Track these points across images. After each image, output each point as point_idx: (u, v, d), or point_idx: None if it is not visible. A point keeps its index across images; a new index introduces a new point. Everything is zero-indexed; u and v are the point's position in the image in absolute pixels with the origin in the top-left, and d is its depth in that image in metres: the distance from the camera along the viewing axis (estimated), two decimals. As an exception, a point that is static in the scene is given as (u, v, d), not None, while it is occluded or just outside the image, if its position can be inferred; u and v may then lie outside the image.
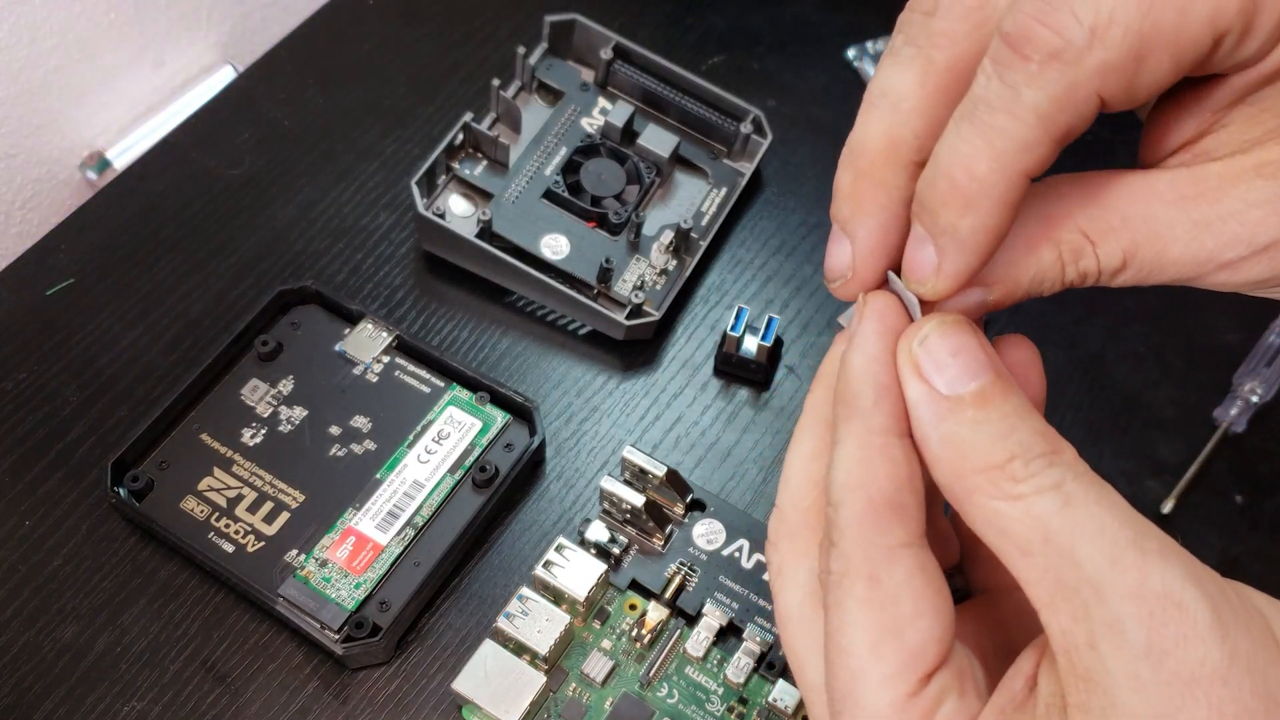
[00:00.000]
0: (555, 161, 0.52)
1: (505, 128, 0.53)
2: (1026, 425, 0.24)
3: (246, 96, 0.57)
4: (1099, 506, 0.23)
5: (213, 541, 0.44)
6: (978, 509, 0.24)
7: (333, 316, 0.49)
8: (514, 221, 0.50)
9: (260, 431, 0.46)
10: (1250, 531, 0.46)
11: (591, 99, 0.54)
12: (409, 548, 0.44)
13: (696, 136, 0.54)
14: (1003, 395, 0.25)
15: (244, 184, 0.55)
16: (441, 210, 0.51)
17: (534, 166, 0.52)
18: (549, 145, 0.52)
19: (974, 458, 0.24)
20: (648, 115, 0.54)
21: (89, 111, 0.61)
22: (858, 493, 0.25)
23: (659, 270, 0.50)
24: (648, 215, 0.51)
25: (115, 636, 0.43)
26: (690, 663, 0.42)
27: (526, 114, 0.53)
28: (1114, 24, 0.23)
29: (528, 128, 0.53)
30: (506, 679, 0.40)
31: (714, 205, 0.52)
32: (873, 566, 0.25)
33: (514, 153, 0.52)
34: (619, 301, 0.49)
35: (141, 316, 0.51)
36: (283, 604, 0.42)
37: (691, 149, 0.53)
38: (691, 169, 0.53)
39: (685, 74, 0.53)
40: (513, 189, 0.51)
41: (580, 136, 0.52)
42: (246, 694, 0.42)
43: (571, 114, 0.53)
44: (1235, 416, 0.48)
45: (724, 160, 0.53)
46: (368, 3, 0.61)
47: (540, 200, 0.51)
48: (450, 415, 0.47)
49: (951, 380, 0.25)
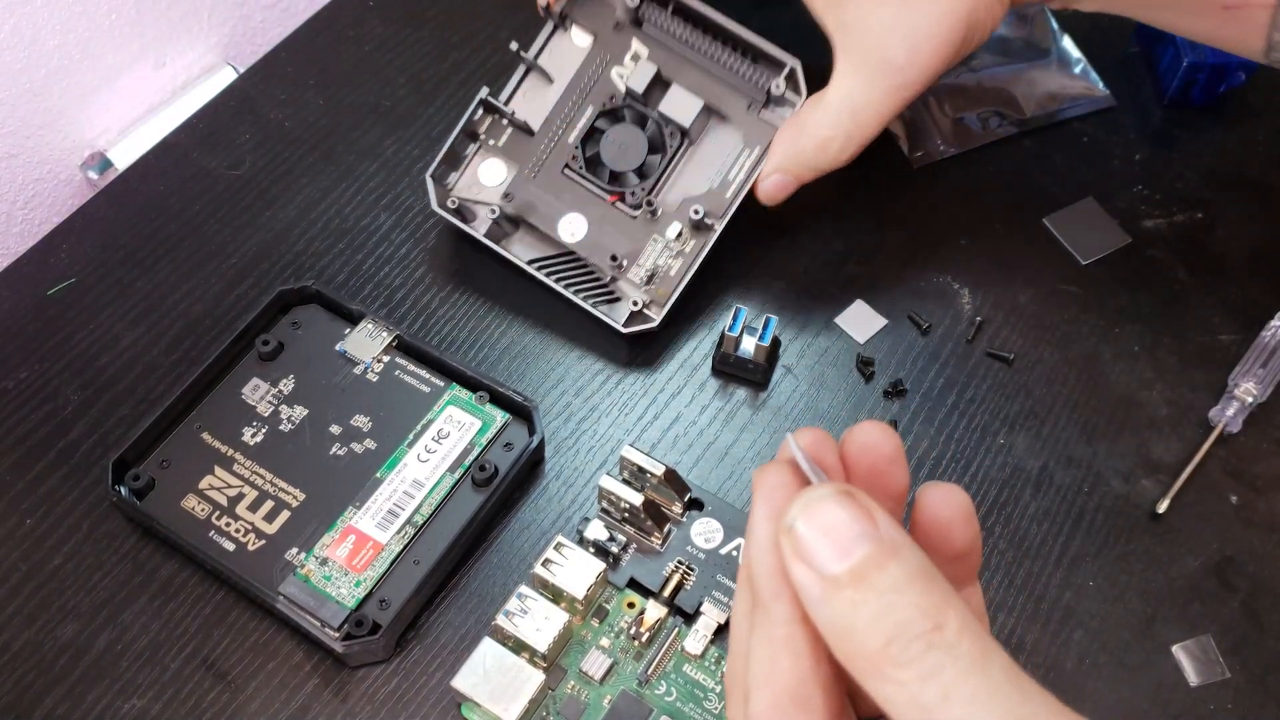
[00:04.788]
0: (580, 125, 0.50)
1: (535, 79, 0.51)
2: (906, 601, 0.23)
3: (247, 97, 0.58)
4: (974, 701, 0.23)
5: (213, 540, 0.44)
6: (873, 692, 0.23)
7: (333, 316, 0.49)
8: (534, 198, 0.49)
9: (261, 430, 0.47)
10: (1245, 531, 0.46)
11: (625, 41, 0.50)
12: (409, 546, 0.44)
13: (730, 84, 0.49)
14: (879, 568, 0.23)
15: (245, 184, 0.55)
16: (466, 191, 0.50)
17: (558, 129, 0.50)
18: (575, 103, 0.50)
19: (855, 642, 0.23)
20: (679, 61, 0.49)
21: (90, 112, 0.61)
22: (764, 689, 0.25)
23: (675, 252, 0.49)
24: (672, 182, 0.49)
25: (116, 634, 0.43)
26: (688, 660, 0.42)
27: (558, 56, 0.51)
28: None
29: (559, 74, 0.50)
30: (505, 677, 0.41)
31: (741, 172, 0.49)
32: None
33: (543, 107, 0.50)
34: (628, 291, 0.49)
35: (142, 316, 0.51)
36: (283, 602, 0.42)
37: (726, 96, 0.49)
38: (724, 120, 0.49)
39: (719, 18, 0.48)
40: (536, 157, 0.50)
41: (607, 93, 0.50)
42: (247, 691, 0.43)
43: (602, 62, 0.50)
44: (1231, 417, 0.48)
45: (759, 113, 0.49)
46: (368, 4, 0.61)
47: (560, 175, 0.50)
48: (450, 414, 0.47)
49: (825, 561, 0.24)
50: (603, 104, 0.50)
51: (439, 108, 0.57)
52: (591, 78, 0.50)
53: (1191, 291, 0.52)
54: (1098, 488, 0.47)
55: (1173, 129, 0.56)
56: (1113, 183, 0.55)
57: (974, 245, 0.53)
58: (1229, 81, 0.56)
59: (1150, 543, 0.46)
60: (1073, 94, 0.57)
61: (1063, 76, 0.58)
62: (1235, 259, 0.53)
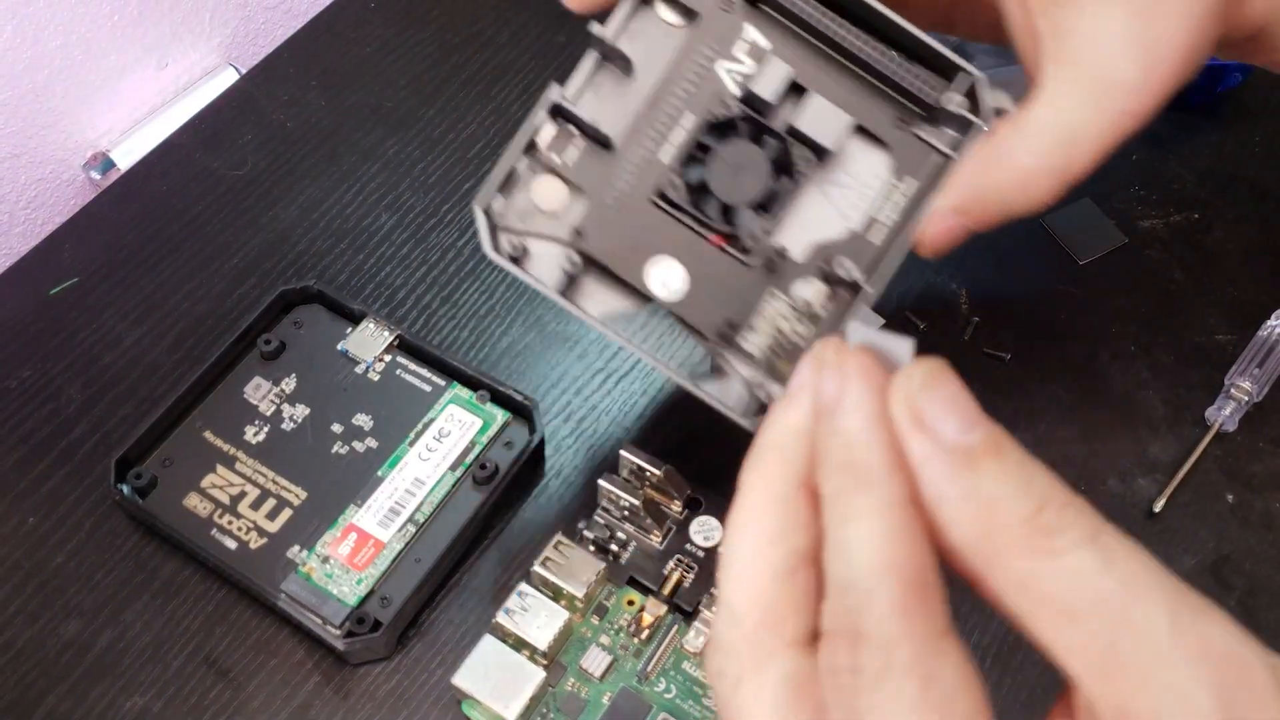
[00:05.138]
0: (676, 140, 0.37)
1: (610, 73, 0.38)
2: (1041, 472, 0.22)
3: (249, 98, 0.58)
4: (1139, 560, 0.22)
5: (215, 538, 0.44)
6: (1008, 573, 0.22)
7: (335, 316, 0.50)
8: (614, 236, 0.37)
9: (263, 429, 0.47)
10: (1241, 530, 0.46)
11: (735, 26, 0.37)
12: (410, 544, 0.44)
13: (882, 90, 0.37)
14: (1010, 441, 0.23)
15: (247, 185, 0.55)
16: (518, 220, 0.37)
17: (648, 144, 0.37)
18: (670, 108, 0.37)
19: (1000, 514, 0.22)
20: (815, 59, 0.37)
21: (93, 112, 0.61)
22: (892, 576, 0.22)
23: (805, 314, 0.37)
24: (799, 221, 0.37)
25: (118, 632, 0.44)
26: (688, 658, 0.42)
27: (641, 42, 0.37)
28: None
29: (644, 67, 0.37)
30: (506, 674, 0.41)
31: (893, 211, 0.37)
32: (924, 662, 0.22)
33: (622, 112, 0.37)
34: (737, 367, 0.38)
35: (145, 316, 0.51)
36: (285, 600, 0.43)
37: (872, 107, 0.37)
38: (865, 138, 0.37)
39: (875, 3, 0.36)
40: (616, 181, 0.37)
41: (712, 99, 0.37)
42: (248, 689, 0.43)
43: (705, 55, 0.37)
44: (1227, 416, 0.48)
45: (915, 130, 0.37)
46: (370, 5, 0.61)
47: (650, 204, 0.37)
48: (451, 413, 0.47)
49: (957, 432, 0.23)
50: (708, 112, 0.37)
51: (440, 109, 0.58)
52: (690, 75, 0.37)
53: (1188, 291, 0.52)
54: (1094, 486, 0.47)
55: (1169, 130, 0.57)
56: (1109, 183, 0.55)
57: (970, 245, 0.53)
58: (1225, 83, 0.56)
59: (1146, 541, 0.45)
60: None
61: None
62: (1231, 259, 0.53)
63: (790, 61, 0.37)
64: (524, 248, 0.37)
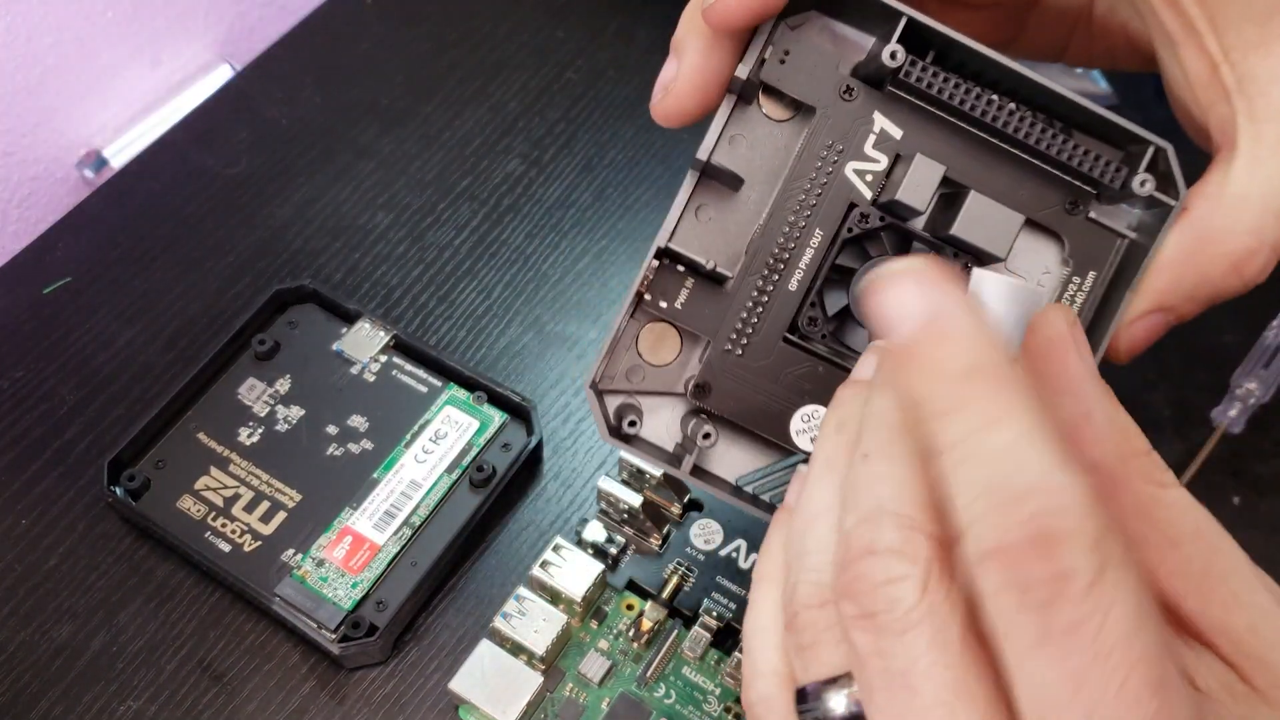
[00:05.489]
0: (805, 263, 0.31)
1: (714, 191, 0.32)
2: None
3: (244, 95, 0.57)
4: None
5: (209, 541, 0.44)
6: (1134, 495, 0.24)
7: (330, 316, 0.49)
8: (738, 391, 0.32)
9: (257, 431, 0.46)
10: (1247, 533, 0.46)
11: (861, 116, 0.31)
12: (406, 547, 0.44)
13: (1045, 172, 0.31)
14: None
15: (241, 183, 0.55)
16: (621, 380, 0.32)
17: (768, 272, 0.31)
18: (793, 225, 0.31)
19: (1134, 442, 0.25)
20: (968, 149, 0.31)
21: (86, 110, 0.61)
22: (1076, 470, 0.21)
23: None
24: None
25: (111, 636, 0.43)
26: (687, 663, 0.42)
27: (746, 147, 0.32)
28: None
29: (755, 182, 0.32)
30: (503, 679, 0.40)
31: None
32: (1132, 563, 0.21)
33: (733, 233, 0.32)
34: None
35: (138, 315, 0.51)
36: (279, 603, 0.42)
37: (1036, 193, 0.31)
38: (1033, 227, 0.32)
39: (1029, 73, 0.30)
40: (737, 318, 0.32)
41: (843, 207, 0.31)
42: (243, 693, 0.42)
43: (828, 155, 0.31)
44: (1233, 417, 0.48)
45: (1089, 212, 0.31)
46: (365, 2, 0.61)
47: (783, 346, 0.32)
48: (447, 415, 0.47)
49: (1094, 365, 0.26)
50: (840, 224, 0.31)
51: (436, 106, 0.57)
52: (812, 181, 0.31)
53: (1193, 291, 0.52)
54: (1099, 488, 0.47)
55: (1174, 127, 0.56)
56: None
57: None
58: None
59: (1152, 544, 0.46)
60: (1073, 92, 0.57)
61: (1064, 75, 0.57)
62: (1237, 258, 0.53)
63: (934, 152, 0.30)
64: (638, 419, 0.32)
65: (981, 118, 0.30)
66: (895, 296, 0.23)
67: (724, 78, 0.30)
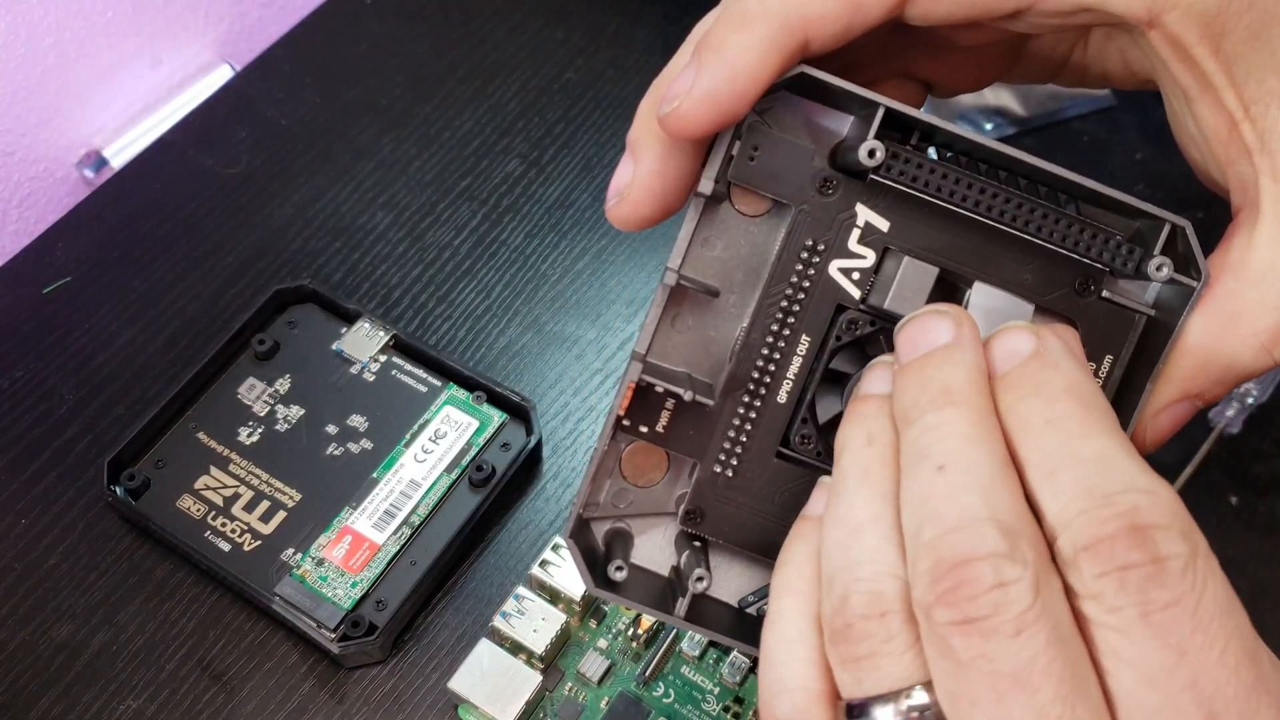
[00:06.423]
0: (794, 371, 0.29)
1: (691, 301, 0.29)
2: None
3: (244, 95, 0.57)
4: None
5: (209, 540, 0.44)
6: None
7: (330, 315, 0.49)
8: (733, 515, 0.30)
9: (257, 430, 0.46)
10: (1245, 532, 0.46)
11: (843, 210, 0.28)
12: (405, 547, 0.44)
13: (1051, 252, 0.29)
14: None
15: (241, 183, 0.55)
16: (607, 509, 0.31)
17: (756, 385, 0.29)
18: (777, 333, 0.29)
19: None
20: (964, 236, 0.28)
21: (86, 110, 0.61)
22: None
23: None
24: None
25: (111, 635, 0.43)
26: (686, 662, 0.42)
27: (724, 251, 0.29)
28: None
29: (733, 288, 0.29)
30: (503, 678, 0.40)
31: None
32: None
33: (711, 347, 0.29)
34: None
35: (138, 315, 0.51)
36: (279, 603, 0.42)
37: (1042, 277, 0.29)
38: (1044, 313, 0.29)
39: (1023, 156, 0.28)
40: (724, 439, 0.29)
41: (830, 306, 0.28)
42: (243, 692, 0.42)
43: (810, 255, 0.28)
44: (1231, 418, 0.48)
45: (1101, 293, 0.29)
46: (365, 2, 0.61)
47: (774, 463, 0.29)
48: (447, 414, 0.47)
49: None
50: (827, 328, 0.29)
51: (436, 106, 0.57)
52: (795, 282, 0.28)
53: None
54: (1097, 488, 0.47)
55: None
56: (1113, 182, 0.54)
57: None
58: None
59: (1150, 543, 0.46)
60: (1073, 93, 0.57)
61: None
62: (1235, 259, 0.53)
63: (925, 244, 0.28)
64: (627, 552, 0.30)
65: (973, 206, 0.28)
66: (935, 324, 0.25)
67: (685, 182, 0.28)
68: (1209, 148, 0.29)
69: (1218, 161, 0.29)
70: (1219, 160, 0.29)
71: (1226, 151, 0.28)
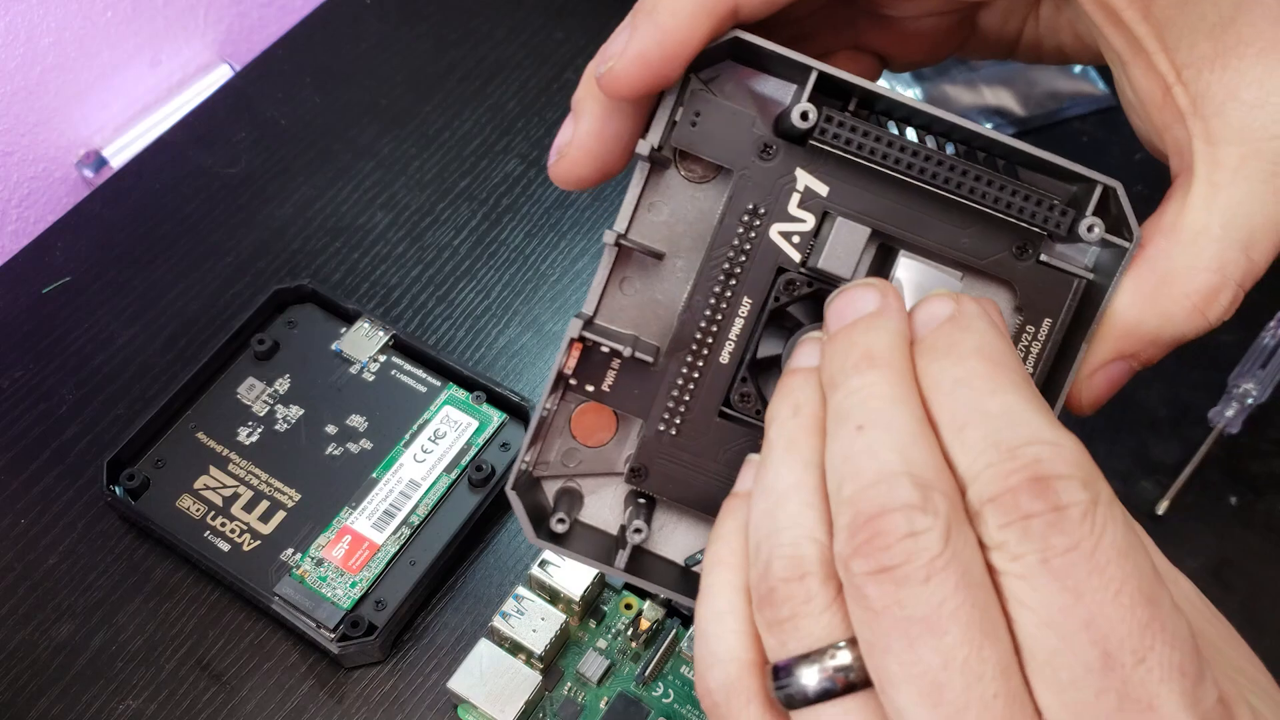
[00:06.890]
0: (736, 334, 0.29)
1: (637, 264, 0.30)
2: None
3: (243, 95, 0.57)
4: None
5: (208, 540, 0.44)
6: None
7: (329, 315, 0.49)
8: (677, 473, 0.30)
9: (256, 430, 0.46)
10: (1244, 532, 0.46)
11: (783, 174, 0.29)
12: (405, 547, 0.44)
13: (988, 216, 0.29)
14: None
15: (240, 183, 0.55)
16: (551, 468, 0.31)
17: (698, 346, 0.29)
18: (720, 294, 0.29)
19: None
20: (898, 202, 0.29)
21: (86, 109, 0.61)
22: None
23: None
24: None
25: (111, 635, 0.43)
26: (686, 662, 0.42)
27: (664, 216, 0.30)
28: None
29: (674, 247, 0.30)
30: (502, 678, 0.40)
31: (1030, 365, 0.30)
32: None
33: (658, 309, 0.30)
34: None
35: (138, 315, 0.51)
36: (278, 603, 0.42)
37: (979, 242, 0.29)
38: (983, 277, 0.30)
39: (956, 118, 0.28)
40: (669, 398, 0.30)
41: (770, 270, 0.29)
42: (242, 692, 0.42)
43: (751, 219, 0.29)
44: (1230, 418, 0.48)
45: (1039, 257, 0.29)
46: (365, 2, 0.61)
47: (718, 422, 0.30)
48: (446, 414, 0.47)
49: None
50: (768, 291, 0.29)
51: (436, 105, 0.57)
52: (737, 246, 0.29)
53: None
54: (1096, 488, 0.47)
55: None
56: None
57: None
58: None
59: (1149, 544, 0.46)
60: (1072, 93, 0.57)
61: (1062, 76, 0.58)
62: (1235, 259, 0.53)
63: (863, 208, 0.29)
64: (574, 509, 0.30)
65: (909, 170, 0.28)
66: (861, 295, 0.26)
67: (625, 143, 0.29)
68: (1146, 113, 0.29)
69: (1155, 126, 0.29)
70: (1156, 125, 0.29)
71: (1162, 116, 0.28)
